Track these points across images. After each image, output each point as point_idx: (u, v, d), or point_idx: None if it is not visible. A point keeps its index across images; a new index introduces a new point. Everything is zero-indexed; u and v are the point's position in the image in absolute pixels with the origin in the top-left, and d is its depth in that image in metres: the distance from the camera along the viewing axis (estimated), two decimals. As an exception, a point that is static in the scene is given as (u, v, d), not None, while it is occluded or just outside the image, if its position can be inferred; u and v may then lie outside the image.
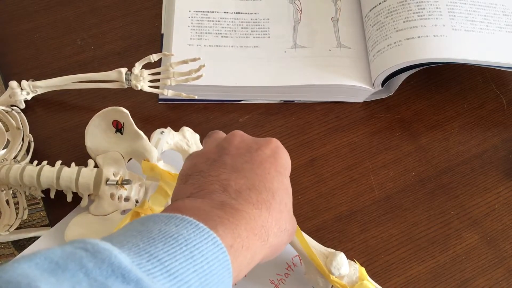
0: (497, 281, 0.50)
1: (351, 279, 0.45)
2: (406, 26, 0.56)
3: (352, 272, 0.46)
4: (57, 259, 0.25)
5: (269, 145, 0.40)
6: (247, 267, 0.34)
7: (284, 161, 0.40)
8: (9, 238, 1.16)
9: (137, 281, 0.26)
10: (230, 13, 0.63)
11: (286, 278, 0.49)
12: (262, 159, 0.38)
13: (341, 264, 0.45)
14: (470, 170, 0.56)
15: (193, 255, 0.29)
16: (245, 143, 0.40)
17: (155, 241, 0.29)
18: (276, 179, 0.38)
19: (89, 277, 0.25)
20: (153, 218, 0.32)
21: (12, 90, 0.55)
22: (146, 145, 0.48)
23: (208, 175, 0.37)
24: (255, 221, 0.35)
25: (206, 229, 0.31)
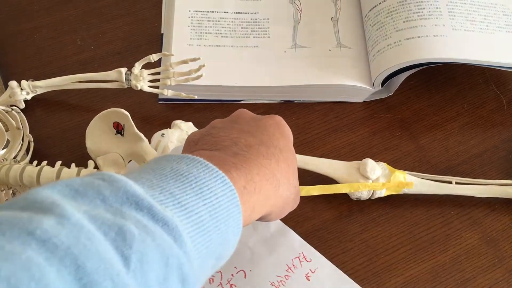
0: (497, 281, 0.50)
1: (385, 175, 0.50)
2: (406, 26, 0.56)
3: (383, 170, 0.51)
4: (77, 186, 0.27)
5: (272, 117, 0.43)
6: (261, 208, 0.37)
7: (287, 130, 0.43)
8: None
9: (149, 208, 0.28)
10: (230, 13, 0.63)
11: (286, 280, 0.49)
12: (267, 125, 0.41)
13: (374, 167, 0.50)
14: (470, 170, 0.56)
15: (202, 190, 0.31)
16: (249, 115, 0.43)
17: (167, 177, 0.31)
18: (281, 140, 0.41)
19: (106, 203, 0.27)
20: (167, 157, 0.34)
21: (12, 90, 0.55)
22: (146, 147, 0.48)
23: (219, 136, 0.39)
24: (266, 168, 0.37)
25: (215, 168, 0.33)
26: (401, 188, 0.51)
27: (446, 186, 0.52)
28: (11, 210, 0.25)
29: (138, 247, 0.26)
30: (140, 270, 0.25)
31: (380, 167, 0.51)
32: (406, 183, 0.51)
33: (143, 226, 0.27)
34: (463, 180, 0.53)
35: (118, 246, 0.25)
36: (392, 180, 0.51)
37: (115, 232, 0.26)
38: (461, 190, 0.52)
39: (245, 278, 0.49)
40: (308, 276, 0.49)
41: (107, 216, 0.26)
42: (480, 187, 0.52)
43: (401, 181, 0.51)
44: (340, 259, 0.50)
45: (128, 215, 0.27)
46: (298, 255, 0.50)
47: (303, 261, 0.49)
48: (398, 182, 0.51)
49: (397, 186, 0.51)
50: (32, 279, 0.22)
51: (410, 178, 0.51)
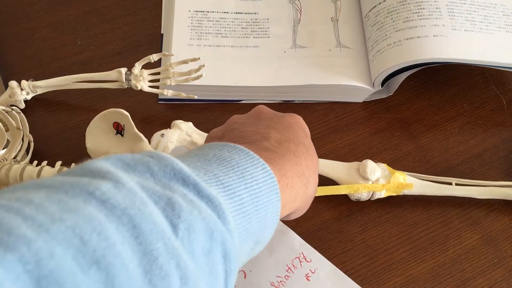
0: (497, 281, 0.50)
1: (384, 176, 0.50)
2: (406, 26, 0.56)
3: (383, 171, 0.51)
4: (128, 161, 0.29)
5: (293, 116, 0.43)
6: (291, 205, 0.37)
7: (307, 129, 0.43)
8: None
9: (195, 185, 0.29)
10: (230, 13, 0.63)
11: (286, 280, 0.49)
12: (290, 123, 0.41)
13: (374, 168, 0.50)
14: (470, 170, 0.56)
15: (244, 175, 0.32)
16: (271, 112, 0.43)
17: (210, 162, 0.32)
18: (306, 139, 0.41)
19: (155, 177, 0.29)
20: (209, 145, 0.35)
21: (12, 90, 0.55)
22: (146, 147, 0.48)
23: (246, 130, 0.40)
24: (297, 166, 0.38)
25: (256, 156, 0.34)
26: (401, 189, 0.51)
27: (446, 187, 0.52)
28: (71, 176, 0.27)
29: (186, 217, 0.27)
30: (188, 238, 0.27)
31: (380, 168, 0.51)
32: (406, 184, 0.51)
33: (190, 200, 0.28)
34: (463, 181, 0.52)
35: (168, 215, 0.27)
36: (392, 181, 0.51)
37: (165, 202, 0.27)
38: (461, 191, 0.52)
39: (245, 279, 0.49)
40: (308, 277, 0.49)
41: (157, 188, 0.28)
42: (480, 189, 0.52)
43: (401, 182, 0.51)
44: (340, 259, 0.50)
45: (176, 189, 0.28)
46: (298, 255, 0.50)
47: (303, 261, 0.49)
48: (398, 183, 0.51)
49: (397, 187, 0.51)
50: (94, 230, 0.23)
51: (410, 179, 0.51)
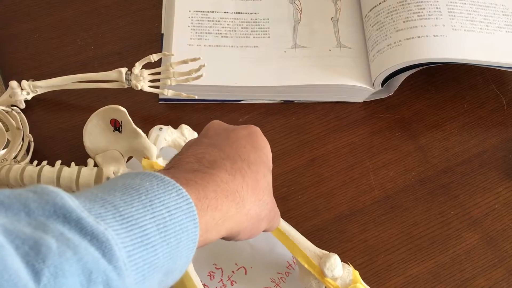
0: (497, 281, 0.50)
1: (345, 282, 0.45)
2: (406, 26, 0.56)
3: (346, 274, 0.45)
4: (3, 198, 0.26)
5: (246, 127, 0.41)
6: (219, 227, 0.34)
7: (262, 140, 0.40)
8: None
9: (77, 221, 0.26)
10: (230, 13, 0.63)
11: (286, 276, 0.49)
12: (238, 137, 0.39)
13: (335, 266, 0.45)
14: (470, 170, 0.56)
15: (152, 203, 0.30)
16: (222, 126, 0.42)
17: (115, 191, 0.30)
18: (252, 153, 0.38)
19: (30, 216, 0.26)
20: (122, 176, 0.32)
21: (12, 90, 0.55)
22: (145, 142, 0.48)
23: (185, 154, 0.38)
24: (227, 184, 0.35)
25: (170, 181, 0.31)
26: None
27: None
28: None
29: (54, 261, 0.24)
30: (54, 284, 0.24)
31: (345, 270, 0.46)
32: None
33: (66, 239, 0.26)
34: None
35: (29, 260, 0.24)
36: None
37: (29, 246, 0.24)
38: None
39: (246, 275, 0.49)
40: (308, 275, 0.49)
41: (26, 230, 0.25)
42: None
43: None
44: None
45: (52, 229, 0.26)
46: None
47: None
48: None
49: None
50: None
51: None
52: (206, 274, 0.49)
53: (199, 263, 0.49)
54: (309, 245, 0.46)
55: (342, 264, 0.45)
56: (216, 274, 0.49)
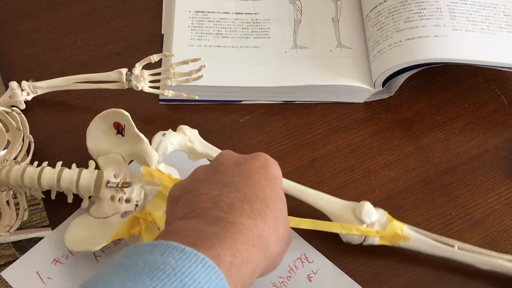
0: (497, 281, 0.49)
1: (381, 223, 0.48)
2: (407, 26, 0.56)
3: (380, 217, 0.48)
4: None
5: (257, 158, 0.39)
6: (250, 279, 0.34)
7: (274, 171, 0.39)
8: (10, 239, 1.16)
9: None
10: (230, 13, 0.63)
11: (288, 280, 0.49)
12: (251, 171, 0.38)
13: (371, 211, 0.48)
14: (471, 171, 0.56)
15: (184, 283, 0.28)
16: (233, 159, 0.40)
17: (141, 276, 0.28)
18: (267, 188, 0.37)
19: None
20: (138, 249, 0.30)
21: (13, 90, 0.55)
22: (146, 148, 0.48)
23: (200, 194, 0.36)
24: (252, 232, 0.34)
25: (193, 252, 0.30)
26: (396, 241, 0.48)
27: (447, 249, 0.48)
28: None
29: None
30: None
31: (378, 213, 0.48)
32: (402, 236, 0.48)
33: None
34: (466, 247, 0.48)
35: None
36: (388, 230, 0.47)
37: None
38: (463, 257, 0.48)
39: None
40: (310, 277, 0.49)
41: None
42: (483, 258, 0.48)
43: (397, 233, 0.48)
44: (341, 259, 0.50)
45: None
46: (300, 255, 0.50)
47: (305, 262, 0.49)
48: (393, 233, 0.47)
49: (392, 238, 0.48)
50: None
51: (408, 231, 0.48)
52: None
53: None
54: (336, 202, 0.49)
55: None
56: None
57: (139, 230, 0.45)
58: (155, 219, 0.45)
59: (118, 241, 0.50)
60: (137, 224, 0.45)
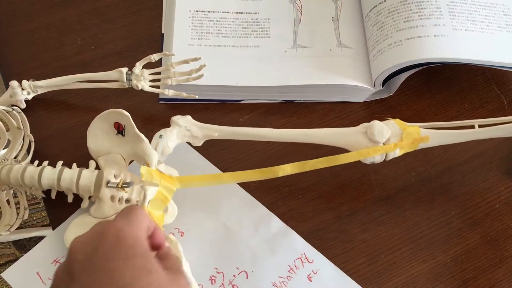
0: (498, 281, 0.50)
1: (396, 136, 0.47)
2: (407, 25, 0.56)
3: (394, 129, 0.47)
4: None
5: (106, 236, 0.35)
6: None
7: (131, 238, 0.35)
8: (10, 238, 1.16)
9: None
10: (230, 13, 0.63)
11: (288, 280, 0.49)
12: (104, 258, 0.34)
13: (382, 129, 0.47)
14: (471, 170, 0.56)
15: None
16: (84, 251, 0.35)
17: None
18: (127, 270, 0.33)
19: None
20: None
21: (13, 90, 0.55)
22: (146, 148, 0.48)
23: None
24: None
25: None
26: (416, 145, 0.48)
27: (469, 132, 0.48)
28: None
29: None
30: None
31: (390, 127, 0.48)
32: (420, 138, 0.48)
33: None
34: (486, 122, 0.48)
35: None
36: (405, 139, 0.48)
37: None
38: (486, 133, 0.48)
39: (247, 279, 0.49)
40: (310, 277, 0.49)
41: None
42: (506, 127, 0.48)
43: (415, 137, 0.48)
44: (341, 259, 0.50)
45: None
46: (300, 255, 0.50)
47: (305, 262, 0.49)
48: (411, 139, 0.48)
49: (412, 144, 0.48)
50: None
51: (425, 131, 0.48)
52: (208, 278, 0.49)
53: (200, 267, 0.49)
54: (346, 132, 0.48)
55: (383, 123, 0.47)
56: (217, 278, 0.49)
57: None
58: (154, 219, 0.46)
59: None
60: None
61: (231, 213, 0.52)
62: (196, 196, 0.52)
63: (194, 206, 0.52)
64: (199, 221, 0.51)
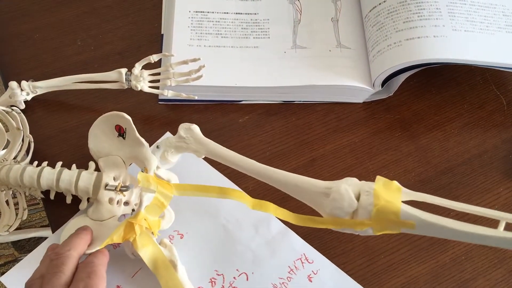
0: (497, 281, 0.50)
1: (366, 208, 0.34)
2: (406, 26, 0.56)
3: (365, 199, 0.34)
4: None
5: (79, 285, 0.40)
6: None
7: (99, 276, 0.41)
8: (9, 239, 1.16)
9: None
10: (230, 13, 0.63)
11: (288, 281, 0.49)
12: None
13: (342, 200, 0.34)
14: (470, 171, 0.56)
15: None
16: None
17: None
18: None
19: None
20: None
21: (12, 90, 0.55)
22: (146, 153, 0.47)
23: None
24: None
25: None
26: (398, 228, 0.34)
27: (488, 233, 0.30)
28: None
29: None
30: None
31: (364, 195, 0.35)
32: (400, 222, 0.33)
33: None
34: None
35: None
36: (374, 217, 0.34)
37: None
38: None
39: (247, 281, 0.49)
40: (310, 278, 0.49)
41: None
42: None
43: (391, 218, 0.33)
44: (340, 259, 0.50)
45: None
46: (300, 256, 0.50)
47: (305, 262, 0.49)
48: (386, 218, 0.33)
49: (387, 226, 0.33)
50: None
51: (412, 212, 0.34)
52: (208, 280, 0.49)
53: (200, 270, 0.49)
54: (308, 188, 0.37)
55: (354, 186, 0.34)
56: (217, 280, 0.49)
57: (134, 236, 0.45)
58: (150, 225, 0.45)
59: (118, 244, 0.50)
60: (131, 230, 0.45)
61: (231, 214, 0.52)
62: (195, 198, 0.52)
63: (193, 208, 0.52)
64: (198, 223, 0.51)
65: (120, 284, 0.48)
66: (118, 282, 0.48)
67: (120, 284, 0.48)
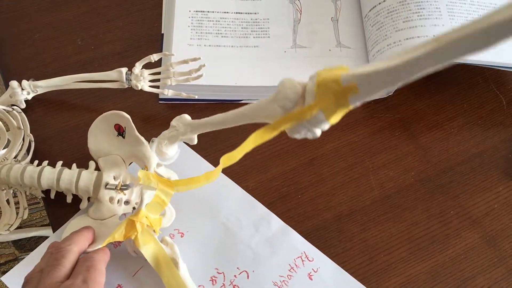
0: (497, 280, 0.50)
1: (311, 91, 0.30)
2: (406, 26, 0.56)
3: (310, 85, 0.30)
4: None
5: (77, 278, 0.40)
6: None
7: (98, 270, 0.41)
8: (9, 238, 1.16)
9: None
10: (230, 13, 0.63)
11: (289, 280, 0.49)
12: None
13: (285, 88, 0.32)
14: (470, 170, 0.56)
15: None
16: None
17: None
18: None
19: None
20: None
21: (13, 90, 0.55)
22: (146, 151, 0.47)
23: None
24: None
25: None
26: (345, 99, 0.29)
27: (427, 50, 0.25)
28: None
29: None
30: None
31: (310, 78, 0.31)
32: (344, 89, 0.28)
33: None
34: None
35: None
36: (319, 95, 0.29)
37: None
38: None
39: (248, 279, 0.49)
40: (310, 276, 0.49)
41: None
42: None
43: (334, 88, 0.28)
44: (340, 258, 0.50)
45: None
46: (300, 254, 0.50)
47: (306, 261, 0.50)
48: (329, 91, 0.29)
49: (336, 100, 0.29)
50: None
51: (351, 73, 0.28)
52: (208, 279, 0.49)
53: (201, 268, 0.49)
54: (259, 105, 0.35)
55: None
56: (218, 278, 0.49)
57: (135, 234, 0.45)
58: (151, 223, 0.46)
59: (118, 243, 0.50)
60: (133, 228, 0.45)
61: (231, 213, 0.52)
62: (196, 196, 0.52)
63: (193, 206, 0.52)
64: (198, 221, 0.51)
65: (121, 283, 0.48)
66: (119, 281, 0.48)
67: (121, 282, 0.48)
